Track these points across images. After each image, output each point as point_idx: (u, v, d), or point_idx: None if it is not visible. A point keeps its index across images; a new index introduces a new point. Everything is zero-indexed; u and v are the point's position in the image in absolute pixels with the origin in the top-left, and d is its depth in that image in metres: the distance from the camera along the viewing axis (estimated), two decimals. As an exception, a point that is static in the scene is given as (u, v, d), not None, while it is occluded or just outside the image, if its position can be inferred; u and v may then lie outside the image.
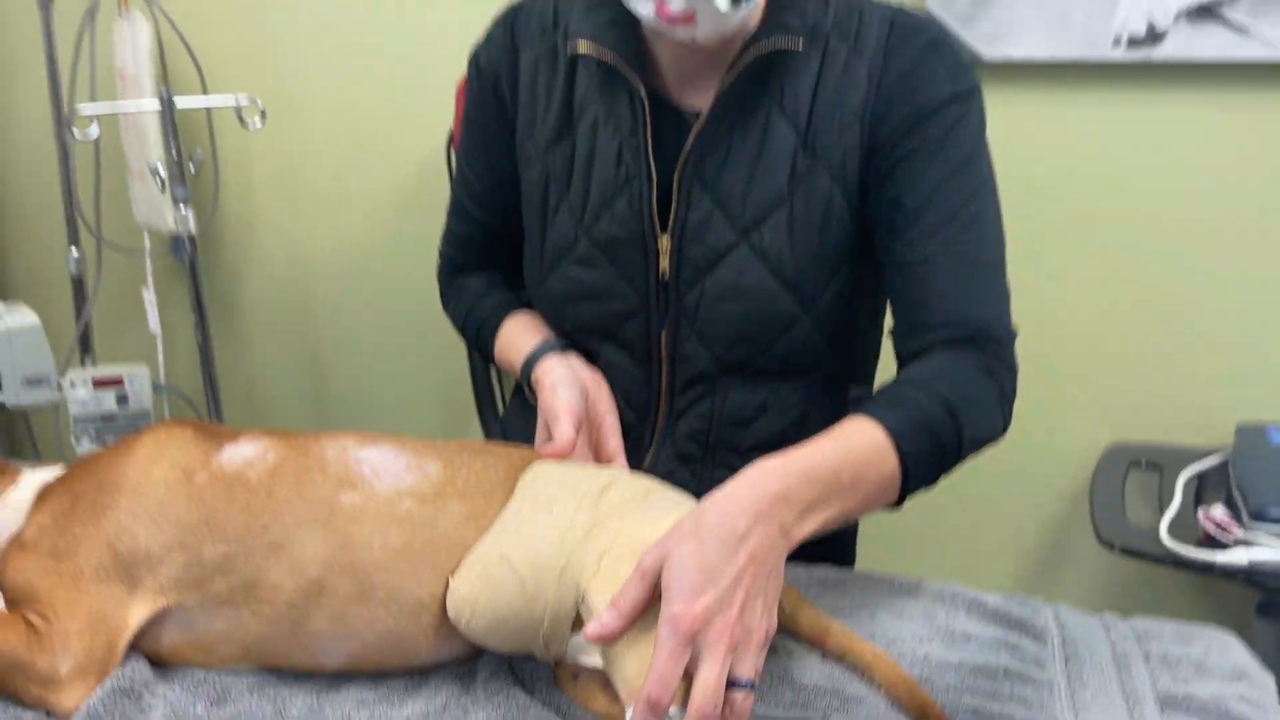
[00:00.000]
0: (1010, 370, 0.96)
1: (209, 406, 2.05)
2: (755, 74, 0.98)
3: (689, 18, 0.90)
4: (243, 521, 0.83)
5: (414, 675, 0.84)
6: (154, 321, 2.15)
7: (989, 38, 1.75)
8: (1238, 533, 1.46)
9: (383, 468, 0.87)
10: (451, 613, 0.82)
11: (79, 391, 1.80)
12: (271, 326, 2.27)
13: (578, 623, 0.79)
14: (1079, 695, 0.84)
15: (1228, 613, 1.84)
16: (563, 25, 1.05)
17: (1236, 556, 1.41)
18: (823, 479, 0.79)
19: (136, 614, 0.82)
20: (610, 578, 0.77)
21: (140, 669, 0.81)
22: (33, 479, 0.92)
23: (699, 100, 1.01)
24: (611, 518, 0.82)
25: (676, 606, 0.69)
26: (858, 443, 0.83)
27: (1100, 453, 1.82)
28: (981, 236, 0.96)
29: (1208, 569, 1.44)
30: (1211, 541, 1.47)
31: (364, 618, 0.82)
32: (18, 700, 0.79)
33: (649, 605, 0.73)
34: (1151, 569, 1.64)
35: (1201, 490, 1.66)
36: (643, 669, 0.71)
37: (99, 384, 1.90)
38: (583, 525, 0.81)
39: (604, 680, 0.79)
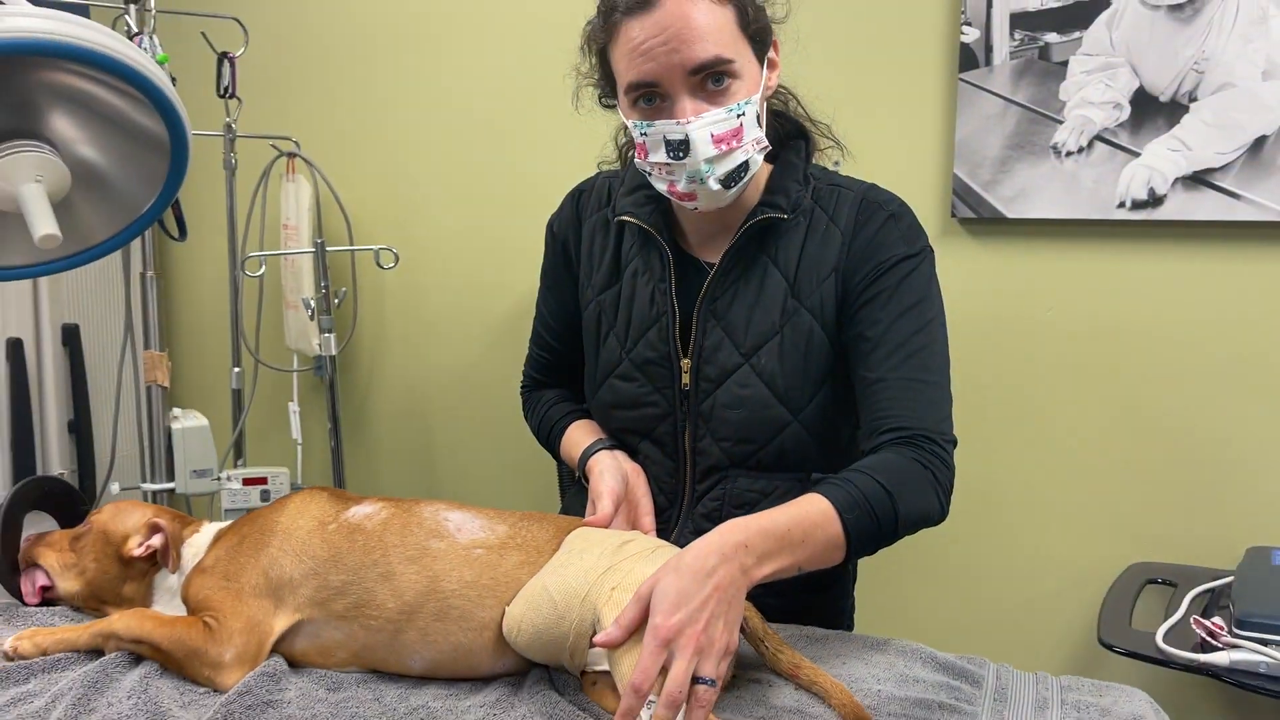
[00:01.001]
0: (945, 465, 1.19)
1: (337, 503, 2.38)
2: (755, 236, 1.28)
3: (691, 196, 1.23)
4: (360, 558, 1.12)
5: (477, 682, 1.11)
6: (296, 430, 2.52)
7: (1009, 200, 2.02)
8: (1226, 638, 1.61)
9: (464, 525, 1.16)
10: (505, 631, 1.09)
11: (232, 485, 2.16)
12: (394, 434, 2.62)
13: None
14: (995, 725, 1.06)
15: (1246, 725, 1.96)
16: (613, 201, 1.38)
17: (1219, 658, 1.57)
18: (777, 535, 1.04)
19: (279, 623, 1.11)
20: (617, 605, 1.03)
21: (280, 663, 1.10)
22: (210, 527, 1.25)
23: (712, 254, 1.31)
24: (625, 563, 1.08)
25: (657, 619, 0.95)
26: (807, 510, 1.09)
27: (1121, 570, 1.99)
28: (926, 362, 1.22)
29: (1196, 669, 1.59)
30: (1204, 646, 1.63)
31: (442, 633, 1.10)
32: (192, 679, 1.08)
33: (642, 623, 0.99)
34: (1188, 683, 1.77)
35: (1211, 605, 1.81)
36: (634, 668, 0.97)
37: (248, 481, 2.27)
38: (603, 566, 1.08)
39: (614, 684, 1.05)
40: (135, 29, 1.83)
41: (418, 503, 1.19)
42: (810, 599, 1.35)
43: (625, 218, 1.33)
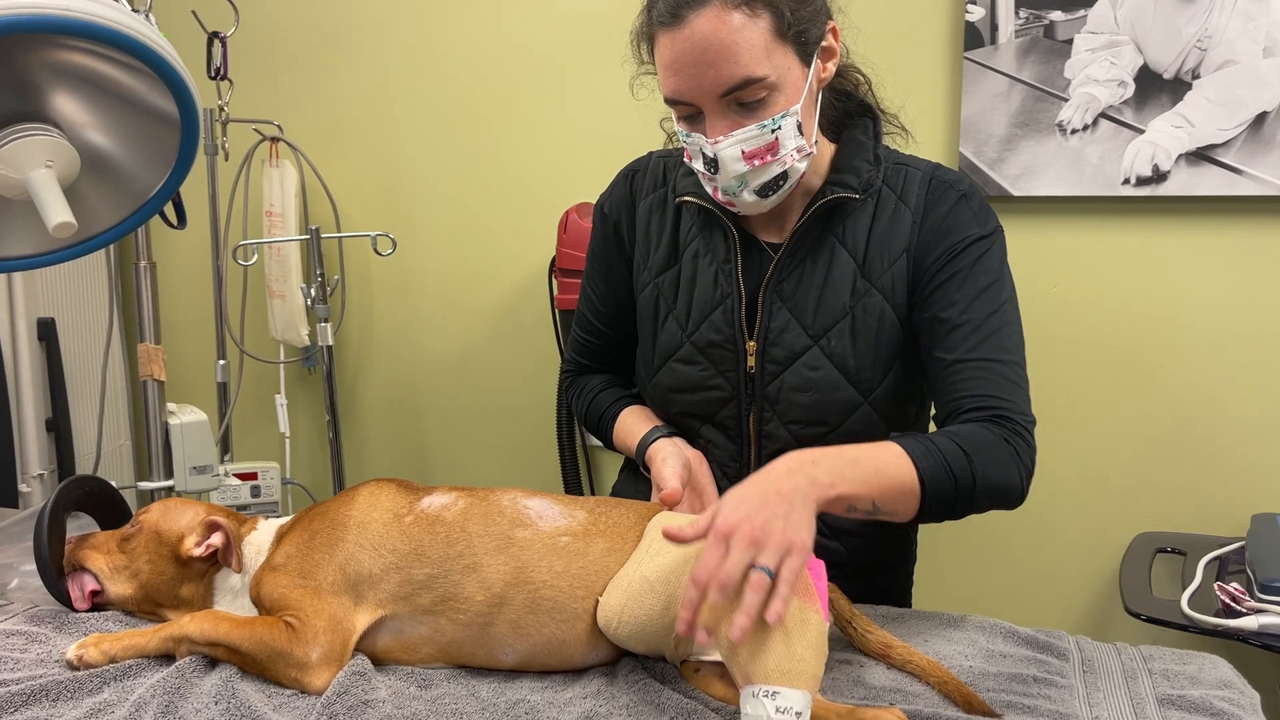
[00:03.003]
0: (1027, 444, 1.17)
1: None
2: (822, 216, 1.26)
3: (731, 202, 1.23)
4: (443, 550, 1.09)
5: (570, 673, 1.08)
6: (284, 422, 2.45)
7: (1015, 178, 2.04)
8: (1250, 603, 1.66)
9: (545, 512, 1.13)
10: (601, 622, 1.06)
11: (230, 481, 2.10)
12: (384, 424, 2.56)
13: (699, 628, 1.03)
14: (1093, 695, 1.06)
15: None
16: (670, 181, 1.35)
17: (1248, 622, 1.61)
18: (847, 459, 1.04)
19: (361, 621, 1.07)
20: (725, 592, 1.01)
21: (365, 662, 1.06)
22: (268, 524, 1.19)
23: (774, 235, 1.30)
24: (723, 549, 1.07)
25: (717, 520, 0.95)
26: (881, 449, 1.09)
27: (1130, 540, 2.03)
28: (1003, 342, 1.21)
29: (1224, 634, 1.63)
30: (1228, 612, 1.67)
31: (534, 625, 1.07)
32: (276, 681, 1.04)
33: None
34: (1201, 646, 1.82)
35: (1221, 572, 1.86)
36: (754, 656, 0.95)
37: (239, 476, 2.20)
38: (702, 553, 1.06)
39: (720, 672, 1.03)
40: (132, 7, 1.74)
41: (493, 491, 1.16)
42: (878, 579, 1.34)
43: (688, 198, 1.31)
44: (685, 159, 1.26)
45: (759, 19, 1.13)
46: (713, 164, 1.19)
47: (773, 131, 1.17)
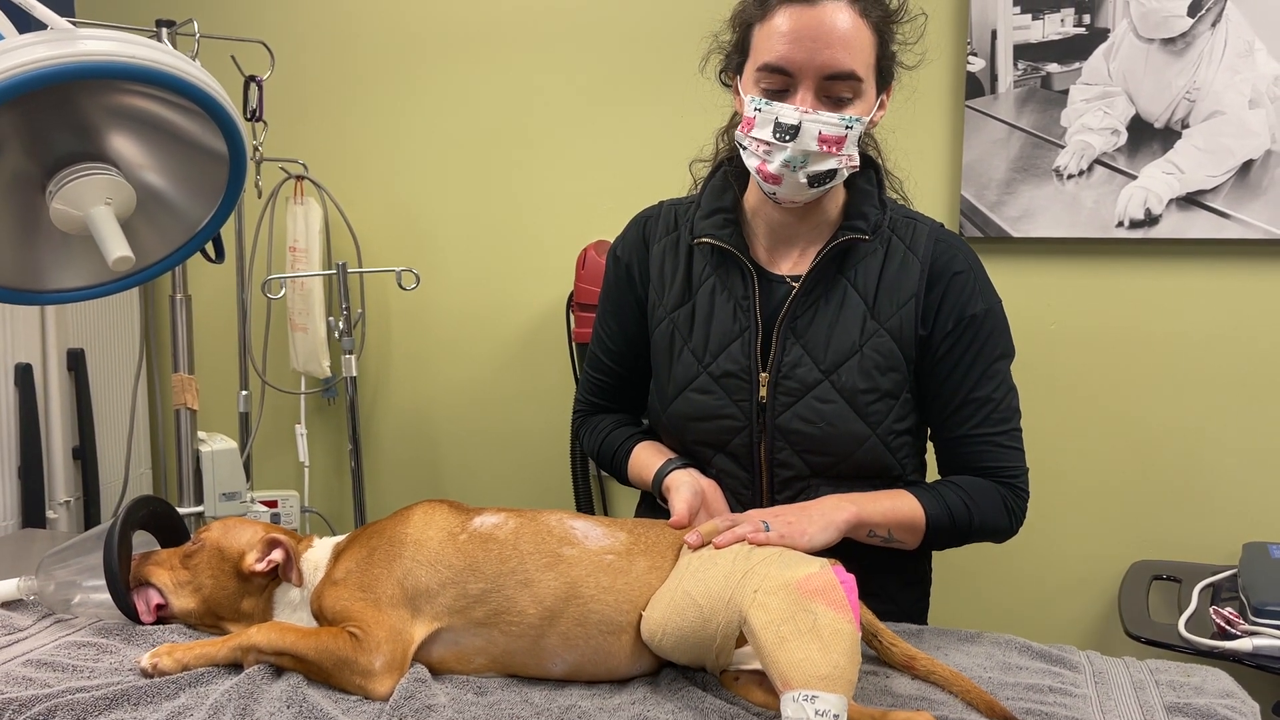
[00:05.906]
0: (1018, 496, 1.40)
1: (357, 525, 2.38)
2: (836, 257, 1.36)
3: (777, 179, 1.30)
4: (497, 566, 1.15)
5: (615, 683, 1.15)
6: (303, 452, 2.51)
7: (1014, 220, 2.14)
8: (1244, 625, 1.73)
9: (589, 533, 1.20)
10: (645, 635, 1.13)
11: (257, 508, 2.15)
12: (400, 456, 2.62)
13: (740, 640, 1.10)
14: (1105, 703, 1.14)
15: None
16: (684, 225, 1.45)
17: (1242, 644, 1.69)
18: (870, 495, 1.32)
19: (419, 632, 1.14)
20: (763, 607, 1.08)
21: (424, 670, 1.12)
22: (324, 542, 1.26)
23: (786, 268, 1.40)
24: (759, 566, 1.14)
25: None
26: (897, 494, 1.36)
27: (1127, 568, 2.11)
28: (1003, 414, 1.38)
29: (1219, 655, 1.71)
30: (1223, 634, 1.75)
31: (583, 636, 1.13)
32: (341, 688, 1.10)
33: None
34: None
35: (1215, 597, 1.94)
36: (792, 663, 1.02)
37: (265, 503, 2.25)
38: (741, 571, 1.13)
39: (759, 679, 1.10)
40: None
41: (540, 512, 1.23)
42: (899, 598, 1.42)
43: (708, 240, 1.39)
44: (740, 130, 1.32)
45: (870, 34, 1.29)
46: (789, 132, 1.27)
47: (847, 128, 1.28)
